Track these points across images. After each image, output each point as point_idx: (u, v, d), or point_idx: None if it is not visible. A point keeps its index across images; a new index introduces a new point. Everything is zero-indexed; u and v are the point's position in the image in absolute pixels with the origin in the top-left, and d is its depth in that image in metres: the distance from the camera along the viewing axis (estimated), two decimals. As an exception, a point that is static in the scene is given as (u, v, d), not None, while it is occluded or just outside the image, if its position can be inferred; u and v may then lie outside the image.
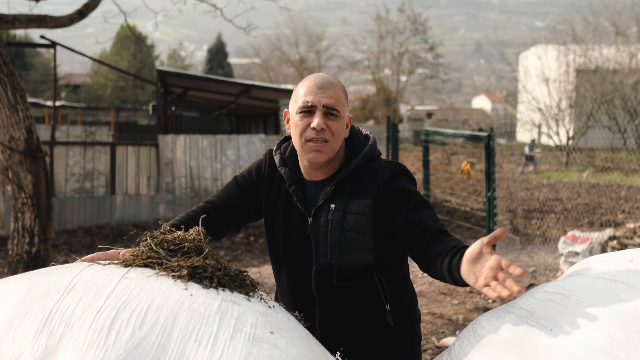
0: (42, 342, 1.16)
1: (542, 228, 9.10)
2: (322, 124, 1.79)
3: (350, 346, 1.88)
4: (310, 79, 1.84)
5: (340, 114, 1.82)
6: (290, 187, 1.91)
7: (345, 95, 1.87)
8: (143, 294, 1.28)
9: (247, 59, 53.60)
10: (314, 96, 1.80)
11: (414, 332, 2.02)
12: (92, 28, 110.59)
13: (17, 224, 5.95)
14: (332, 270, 1.87)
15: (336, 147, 1.84)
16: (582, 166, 14.58)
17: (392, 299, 1.92)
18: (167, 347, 1.16)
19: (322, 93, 1.80)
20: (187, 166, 11.09)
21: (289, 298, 1.97)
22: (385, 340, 1.94)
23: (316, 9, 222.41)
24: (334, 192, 1.86)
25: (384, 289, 1.90)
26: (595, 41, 27.09)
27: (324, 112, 1.80)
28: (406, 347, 1.99)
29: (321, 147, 1.80)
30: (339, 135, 1.83)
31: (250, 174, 2.00)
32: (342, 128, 1.84)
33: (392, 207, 1.81)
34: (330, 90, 1.81)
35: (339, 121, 1.82)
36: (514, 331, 1.53)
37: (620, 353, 1.31)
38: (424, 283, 6.71)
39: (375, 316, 1.91)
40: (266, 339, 1.25)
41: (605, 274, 1.59)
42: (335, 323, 1.91)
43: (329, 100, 1.80)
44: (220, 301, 1.31)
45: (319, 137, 1.79)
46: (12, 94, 5.72)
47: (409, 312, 2.00)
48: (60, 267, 1.46)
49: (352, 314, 1.90)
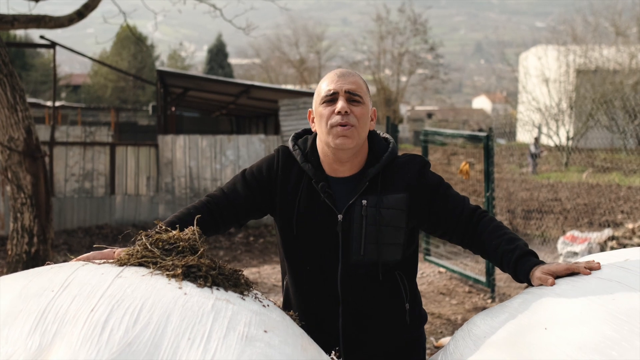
0: (36, 340, 1.16)
1: (542, 228, 9.10)
2: (347, 107, 1.81)
3: (369, 345, 1.89)
4: (331, 72, 1.89)
5: (363, 100, 1.84)
6: (317, 183, 1.87)
7: (366, 86, 1.89)
8: (137, 292, 1.28)
9: (247, 60, 53.60)
10: (335, 84, 1.84)
11: (423, 331, 2.05)
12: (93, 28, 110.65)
13: (17, 224, 5.95)
14: (362, 268, 1.85)
15: (363, 134, 1.85)
16: (582, 166, 14.58)
17: (410, 298, 1.94)
18: (160, 346, 1.17)
19: (343, 80, 1.84)
20: (187, 166, 11.10)
21: (308, 298, 1.93)
22: (400, 339, 1.96)
23: (316, 9, 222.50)
24: (369, 186, 1.86)
25: (405, 288, 1.92)
26: (595, 41, 27.10)
27: (347, 98, 1.82)
28: (417, 345, 2.01)
29: (347, 131, 1.80)
30: (364, 121, 1.84)
31: (260, 171, 1.94)
32: (366, 115, 1.86)
33: (427, 199, 1.87)
34: (351, 78, 1.85)
35: (363, 107, 1.84)
36: (509, 330, 1.54)
37: (613, 352, 1.31)
38: (422, 283, 6.72)
39: (396, 315, 1.92)
40: (260, 337, 1.26)
41: (600, 273, 1.59)
42: (358, 322, 1.90)
43: (351, 86, 1.83)
44: (214, 300, 1.32)
45: (345, 122, 1.80)
46: (11, 94, 5.72)
47: (420, 311, 2.02)
48: (55, 266, 1.47)
49: (375, 312, 1.90)
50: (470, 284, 6.57)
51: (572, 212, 10.38)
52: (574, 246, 6.88)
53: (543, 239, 8.30)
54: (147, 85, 39.91)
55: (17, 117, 5.77)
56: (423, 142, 7.57)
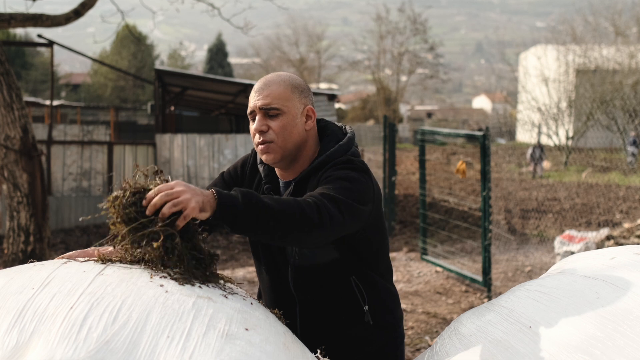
0: (13, 338, 1.15)
1: (540, 228, 9.09)
2: (260, 126, 1.80)
3: (331, 345, 1.87)
4: (257, 82, 1.87)
5: (281, 110, 1.80)
6: (265, 185, 1.91)
7: (292, 89, 1.83)
8: (118, 290, 1.28)
9: (247, 59, 53.60)
10: (252, 101, 1.83)
11: (397, 334, 2.00)
12: (93, 27, 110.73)
13: (13, 222, 5.95)
14: (308, 270, 1.86)
15: (287, 145, 1.81)
16: (582, 166, 14.57)
17: (370, 299, 1.90)
18: (139, 344, 1.16)
19: (257, 96, 1.82)
20: (185, 165, 11.09)
21: (270, 296, 1.97)
22: (367, 342, 1.93)
23: (316, 9, 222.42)
24: (294, 191, 1.85)
25: (360, 290, 1.88)
26: (595, 41, 27.09)
27: (263, 114, 1.81)
28: (388, 349, 1.98)
29: (266, 148, 1.81)
30: (286, 132, 1.81)
31: (235, 170, 2.01)
32: (289, 124, 1.81)
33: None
34: (267, 90, 1.81)
35: (282, 118, 1.80)
36: (494, 329, 1.53)
37: (596, 351, 1.30)
38: (419, 283, 6.71)
39: (354, 316, 1.90)
40: (240, 335, 1.25)
41: (586, 272, 1.59)
42: (315, 322, 1.90)
43: (264, 101, 1.80)
44: (196, 298, 1.31)
45: (262, 140, 1.81)
46: (7, 92, 5.72)
47: (390, 313, 1.97)
48: (38, 264, 1.46)
49: (331, 313, 1.90)
50: (466, 283, 6.56)
51: (570, 211, 10.37)
52: (571, 245, 6.86)
53: (541, 239, 8.30)
54: (147, 84, 39.90)
55: (13, 116, 5.77)
56: (420, 142, 7.56)
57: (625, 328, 1.32)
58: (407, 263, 7.61)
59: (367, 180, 1.77)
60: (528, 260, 7.43)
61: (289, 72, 1.92)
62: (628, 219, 9.66)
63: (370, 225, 1.83)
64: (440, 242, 8.22)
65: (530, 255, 7.66)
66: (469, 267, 7.06)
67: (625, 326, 1.32)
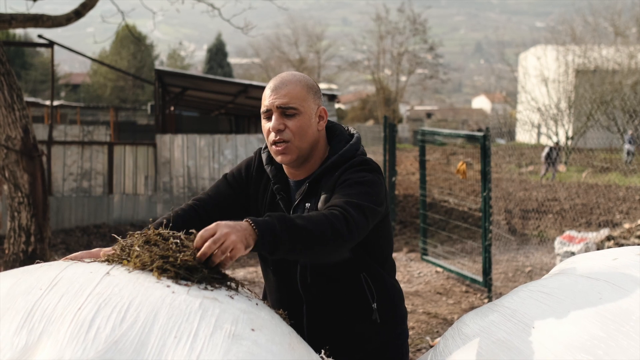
0: (22, 338, 1.17)
1: (540, 228, 9.11)
2: (278, 125, 1.81)
3: (337, 344, 1.88)
4: (271, 81, 1.87)
5: (298, 110, 1.81)
6: (274, 185, 1.92)
7: (308, 89, 1.85)
8: (125, 291, 1.29)
9: (247, 59, 53.58)
10: (268, 100, 1.83)
11: (401, 330, 2.03)
12: (93, 27, 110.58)
13: (14, 223, 5.95)
14: (317, 269, 1.88)
15: (303, 145, 1.83)
16: (581, 166, 14.59)
17: (378, 297, 1.92)
18: (147, 344, 1.17)
19: (275, 95, 1.81)
20: (185, 166, 11.10)
21: (276, 296, 1.98)
22: (372, 339, 1.95)
23: (316, 9, 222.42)
24: (308, 191, 1.87)
25: (370, 287, 1.91)
26: (594, 42, 27.11)
27: (280, 113, 1.81)
28: (393, 345, 2.00)
29: (283, 148, 1.81)
30: (302, 132, 1.82)
31: (239, 172, 2.01)
32: (305, 124, 1.83)
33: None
34: (284, 90, 1.81)
35: (299, 118, 1.82)
36: (497, 329, 1.54)
37: (599, 351, 1.31)
38: (419, 283, 6.72)
39: (362, 314, 1.92)
40: (246, 336, 1.26)
41: (588, 273, 1.60)
42: (322, 321, 1.91)
43: (282, 100, 1.80)
44: (202, 299, 1.32)
45: (279, 139, 1.81)
46: (8, 93, 5.72)
47: (395, 310, 2.00)
48: (44, 265, 1.47)
49: (339, 312, 1.91)
50: (467, 283, 6.58)
51: (570, 212, 10.39)
52: (571, 246, 6.87)
53: (541, 239, 8.31)
54: (147, 84, 39.90)
55: (14, 116, 5.78)
56: (420, 142, 7.57)
57: (628, 328, 1.33)
58: (407, 263, 7.62)
59: (381, 181, 1.82)
60: (528, 261, 7.45)
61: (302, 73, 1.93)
62: (628, 219, 9.68)
63: (380, 222, 1.87)
64: (441, 242, 8.23)
65: (530, 256, 7.68)
66: (469, 267, 7.07)
67: (628, 327, 1.34)
